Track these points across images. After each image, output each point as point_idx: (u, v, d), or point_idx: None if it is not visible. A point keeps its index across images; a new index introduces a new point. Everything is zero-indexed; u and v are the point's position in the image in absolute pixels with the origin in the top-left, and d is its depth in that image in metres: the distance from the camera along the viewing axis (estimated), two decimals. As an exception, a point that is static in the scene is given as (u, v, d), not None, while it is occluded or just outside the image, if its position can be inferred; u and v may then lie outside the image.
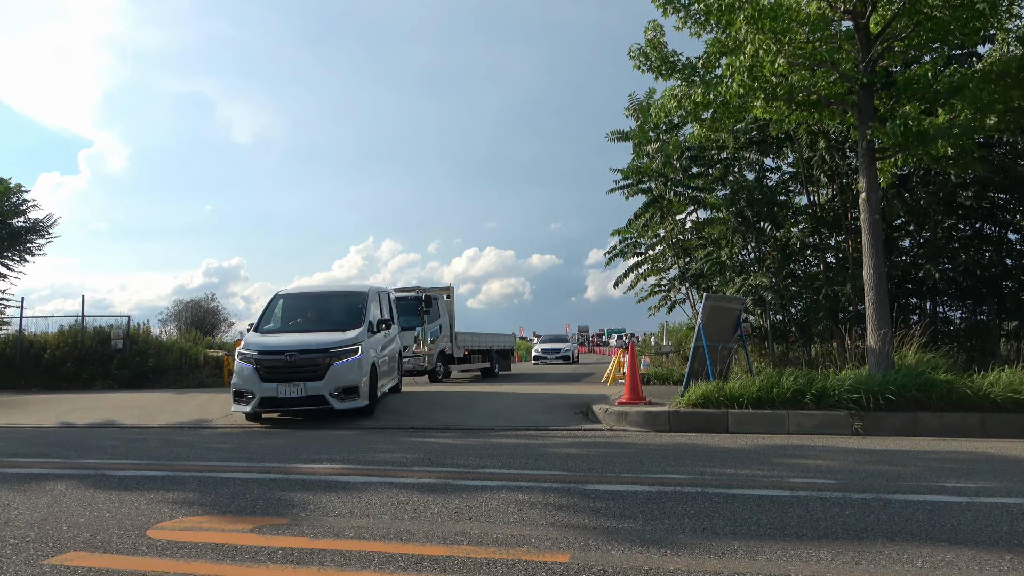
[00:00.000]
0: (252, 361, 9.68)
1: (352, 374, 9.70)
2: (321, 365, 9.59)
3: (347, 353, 9.83)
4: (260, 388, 9.49)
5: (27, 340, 18.39)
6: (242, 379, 9.68)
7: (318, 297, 12.18)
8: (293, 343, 9.97)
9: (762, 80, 8.87)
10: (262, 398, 9.47)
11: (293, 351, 9.69)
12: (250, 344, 10.09)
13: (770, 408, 8.28)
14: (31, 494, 4.87)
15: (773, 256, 15.27)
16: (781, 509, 4.17)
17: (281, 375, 9.54)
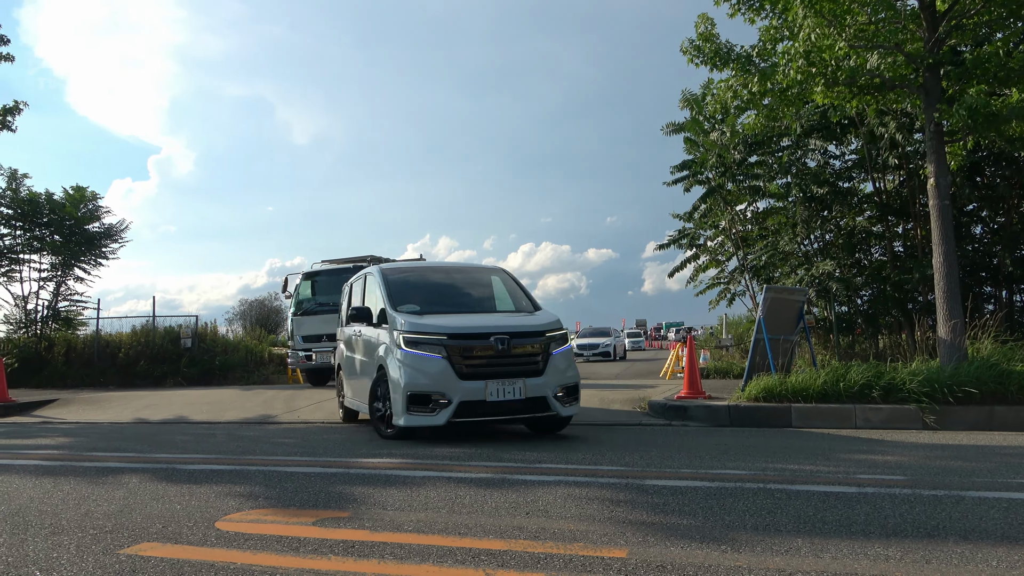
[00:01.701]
0: (439, 348, 6.89)
1: (571, 368, 7.50)
2: (538, 354, 7.20)
3: (561, 339, 7.54)
4: (459, 389, 6.79)
5: (103, 340, 19.23)
6: (425, 375, 6.83)
7: (444, 272, 9.15)
8: (484, 324, 7.35)
9: (821, 65, 8.60)
10: (462, 403, 6.79)
11: (500, 333, 7.08)
12: (421, 325, 7.15)
13: (836, 402, 8.05)
14: (108, 487, 5.09)
15: (838, 245, 14.82)
16: (847, 506, 4.05)
17: (488, 369, 6.96)
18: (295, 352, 15.01)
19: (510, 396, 6.90)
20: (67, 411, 12.36)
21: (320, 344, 14.52)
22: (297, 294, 15.52)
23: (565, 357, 7.41)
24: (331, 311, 13.92)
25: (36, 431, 9.70)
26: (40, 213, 19.28)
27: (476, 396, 6.82)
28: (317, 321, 14.68)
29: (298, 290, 15.57)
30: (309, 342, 14.73)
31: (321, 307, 14.92)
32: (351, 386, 8.93)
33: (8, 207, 19.13)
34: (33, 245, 19.47)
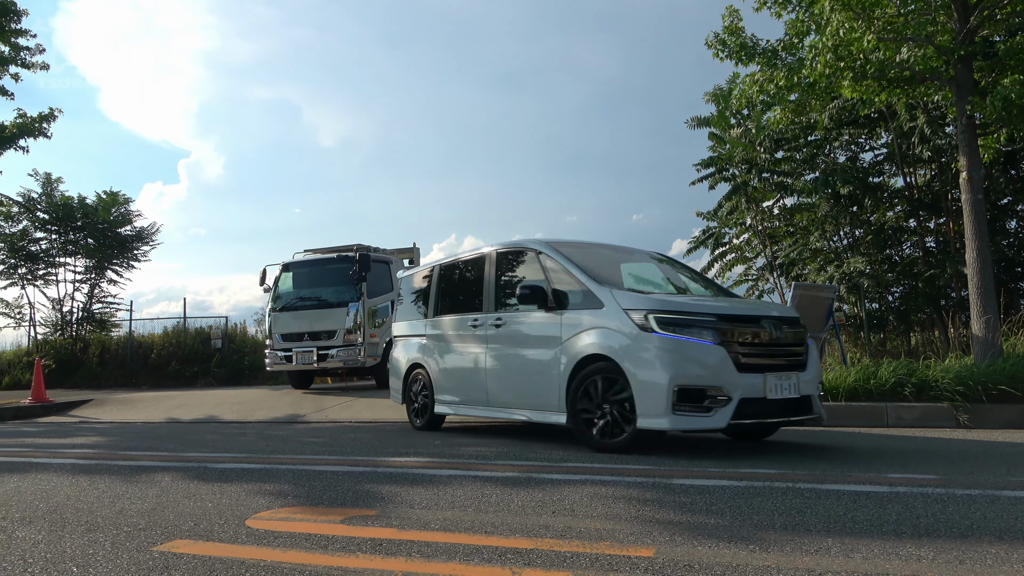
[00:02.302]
0: (710, 332, 5.61)
1: (817, 363, 6.44)
2: (801, 344, 6.17)
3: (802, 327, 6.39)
4: (739, 383, 5.54)
5: (136, 341, 19.60)
6: (697, 364, 5.55)
7: (613, 251, 7.70)
8: (743, 307, 6.36)
9: (849, 59, 8.48)
10: (742, 400, 5.53)
11: (768, 317, 6.07)
12: (677, 304, 5.96)
13: (866, 400, 7.93)
14: (142, 485, 5.19)
15: (868, 241, 14.61)
16: (878, 505, 3.99)
17: (764, 360, 5.81)
18: (273, 352, 13.53)
19: (786, 394, 5.76)
20: (101, 411, 12.62)
21: (301, 344, 13.15)
22: (276, 287, 14.10)
23: (812, 350, 6.36)
24: (315, 306, 13.30)
25: (72, 430, 9.92)
26: (74, 217, 19.71)
27: (756, 393, 5.58)
28: (298, 318, 13.44)
29: (277, 283, 14.12)
30: (289, 341, 13.32)
31: (304, 302, 13.67)
32: (479, 386, 7.28)
33: (44, 211, 19.58)
34: (68, 248, 19.93)
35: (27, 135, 15.97)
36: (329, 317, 12.99)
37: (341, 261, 13.42)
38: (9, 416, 12.49)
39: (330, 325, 12.91)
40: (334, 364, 12.91)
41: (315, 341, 12.98)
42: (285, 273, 14.20)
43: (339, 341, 12.80)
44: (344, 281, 13.12)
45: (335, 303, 13.08)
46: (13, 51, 15.75)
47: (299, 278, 14.05)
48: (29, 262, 19.57)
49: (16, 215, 19.39)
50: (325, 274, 13.68)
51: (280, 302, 13.87)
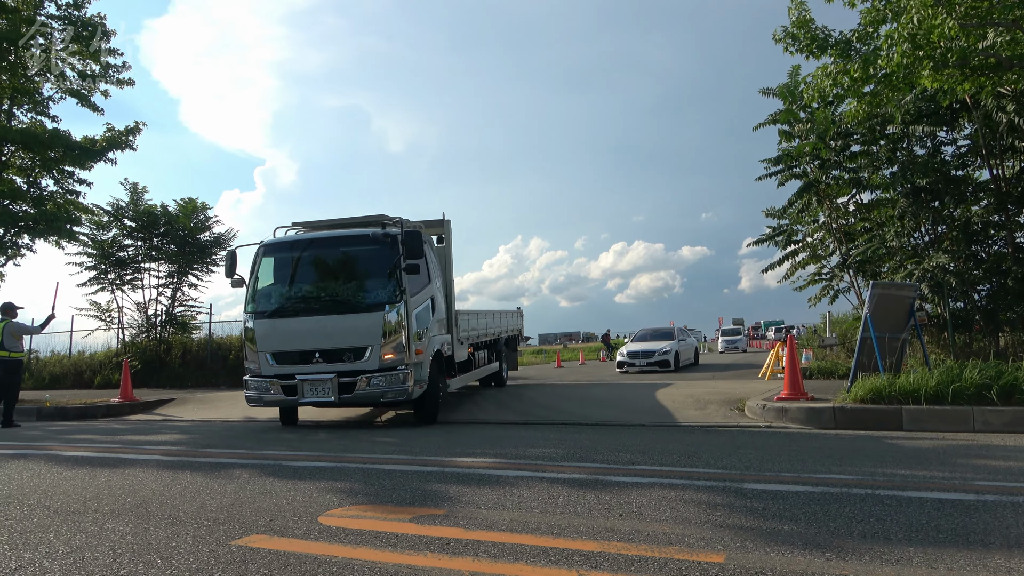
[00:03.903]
0: None
1: None
2: None
3: None
4: None
5: (215, 343, 20.35)
6: None
7: None
8: None
9: (928, 47, 8.12)
10: None
11: None
12: None
13: (951, 404, 7.56)
14: (221, 481, 5.39)
15: (951, 237, 13.94)
16: (964, 514, 3.80)
17: None
18: (259, 381, 9.15)
19: None
20: (183, 410, 13.17)
21: (310, 368, 8.90)
22: (255, 280, 9.58)
23: None
24: (330, 310, 9.11)
25: (157, 428, 10.38)
26: (157, 224, 20.63)
27: None
28: (300, 328, 9.07)
29: (257, 273, 9.61)
30: (287, 363, 9.01)
31: (309, 304, 9.27)
32: None
33: (131, 219, 20.57)
34: (151, 254, 20.86)
35: (115, 148, 16.83)
36: (355, 326, 8.90)
37: (369, 241, 9.33)
38: (101, 414, 13.19)
39: (357, 339, 8.88)
40: (367, 396, 8.77)
41: (333, 363, 8.87)
42: (268, 259, 9.73)
43: (373, 363, 8.79)
44: (375, 270, 9.20)
45: (365, 305, 9.01)
46: (103, 69, 16.63)
47: (296, 266, 9.67)
48: (118, 268, 20.60)
49: (106, 223, 20.44)
50: (342, 259, 9.65)
51: (265, 303, 9.45)
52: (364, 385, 8.79)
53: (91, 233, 20.23)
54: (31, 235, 16.56)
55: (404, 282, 9.07)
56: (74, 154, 16.28)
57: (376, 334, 8.88)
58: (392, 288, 9.05)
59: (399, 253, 9.06)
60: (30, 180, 16.77)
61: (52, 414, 13.04)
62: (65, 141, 16.10)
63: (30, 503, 4.74)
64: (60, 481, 5.60)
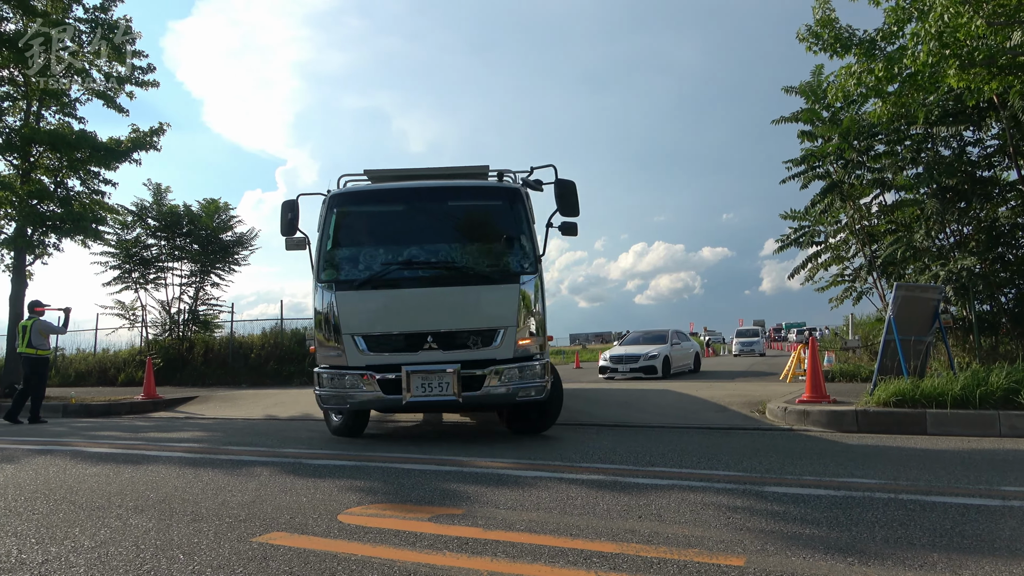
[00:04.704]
0: None
1: None
2: None
3: None
4: None
5: (237, 342, 20.56)
6: None
7: None
8: None
9: (955, 46, 8.00)
10: None
11: None
12: None
13: (976, 408, 7.45)
14: (242, 478, 5.44)
15: (977, 239, 13.73)
16: (990, 520, 3.74)
17: None
18: (343, 375, 7.09)
19: None
20: (205, 407, 13.32)
21: (419, 356, 6.94)
22: (328, 241, 7.44)
23: None
24: (444, 279, 7.19)
25: (179, 425, 10.50)
26: (180, 224, 20.89)
27: None
28: (404, 303, 7.07)
29: (331, 232, 7.46)
30: (383, 350, 7.03)
31: (414, 271, 7.24)
32: None
33: (154, 219, 20.85)
34: (175, 254, 21.13)
35: (140, 149, 17.08)
36: (483, 302, 7.11)
37: (491, 194, 7.73)
38: (124, 411, 13.38)
39: (486, 318, 7.05)
40: (498, 395, 6.91)
41: (452, 350, 6.96)
42: (350, 212, 7.66)
43: (506, 350, 6.97)
44: (501, 230, 7.51)
45: (495, 274, 7.23)
46: (128, 71, 16.87)
47: (391, 222, 7.78)
48: (142, 267, 20.90)
49: (131, 223, 20.74)
50: (456, 215, 7.67)
51: (351, 270, 7.42)
52: (495, 380, 6.88)
53: (115, 233, 20.53)
54: (58, 234, 16.83)
55: (538, 247, 7.35)
56: (100, 155, 16.54)
57: (510, 312, 7.00)
58: (526, 254, 7.31)
59: (527, 209, 7.44)
60: (57, 180, 17.05)
61: (77, 411, 13.25)
62: (91, 142, 16.37)
63: (56, 498, 4.82)
64: (85, 477, 5.68)
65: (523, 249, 7.30)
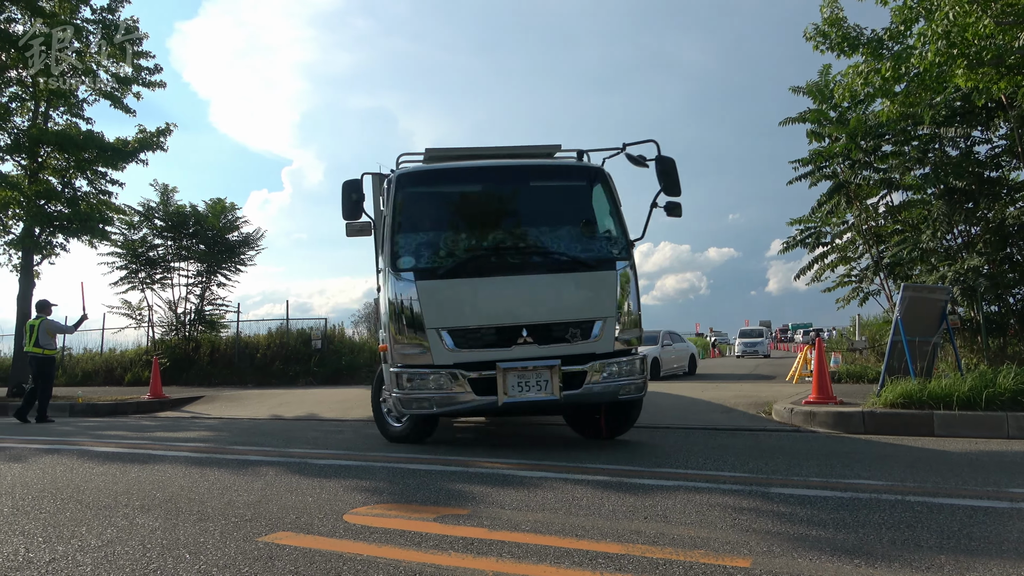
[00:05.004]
0: None
1: None
2: None
3: None
4: None
5: (243, 341, 20.62)
6: None
7: None
8: None
9: (963, 45, 7.96)
10: None
11: None
12: None
13: (984, 410, 7.41)
14: (248, 478, 5.45)
15: (985, 239, 13.66)
16: (998, 522, 3.72)
17: None
18: (428, 375, 6.24)
19: None
20: (211, 407, 13.36)
21: (517, 351, 6.24)
22: (399, 224, 6.60)
23: None
24: (536, 266, 6.55)
25: (186, 425, 10.54)
26: (186, 224, 20.96)
27: None
28: (492, 291, 6.41)
29: (400, 215, 6.63)
30: (472, 346, 6.28)
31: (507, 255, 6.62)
32: None
33: (161, 219, 20.93)
34: (181, 254, 21.20)
35: (147, 149, 17.14)
36: (579, 289, 6.54)
37: (574, 174, 7.25)
38: (131, 411, 13.43)
39: (585, 308, 6.47)
40: (599, 393, 6.34)
41: (549, 344, 6.30)
42: (422, 193, 6.99)
43: (606, 344, 6.41)
44: (588, 212, 6.98)
45: (588, 260, 6.61)
46: (136, 72, 16.94)
47: (468, 205, 7.20)
48: (148, 267, 20.98)
49: (137, 224, 20.82)
50: (538, 197, 7.13)
51: (430, 257, 6.60)
52: (597, 376, 6.31)
53: (122, 233, 20.60)
54: (65, 234, 16.91)
55: (627, 231, 6.79)
56: (107, 155, 16.61)
57: (609, 301, 6.44)
58: (617, 238, 6.75)
59: (614, 190, 6.90)
60: (65, 181, 17.13)
61: (84, 410, 13.31)
62: (98, 142, 16.43)
63: (63, 497, 4.84)
64: (92, 476, 5.71)
65: (615, 233, 6.76)
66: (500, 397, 6.15)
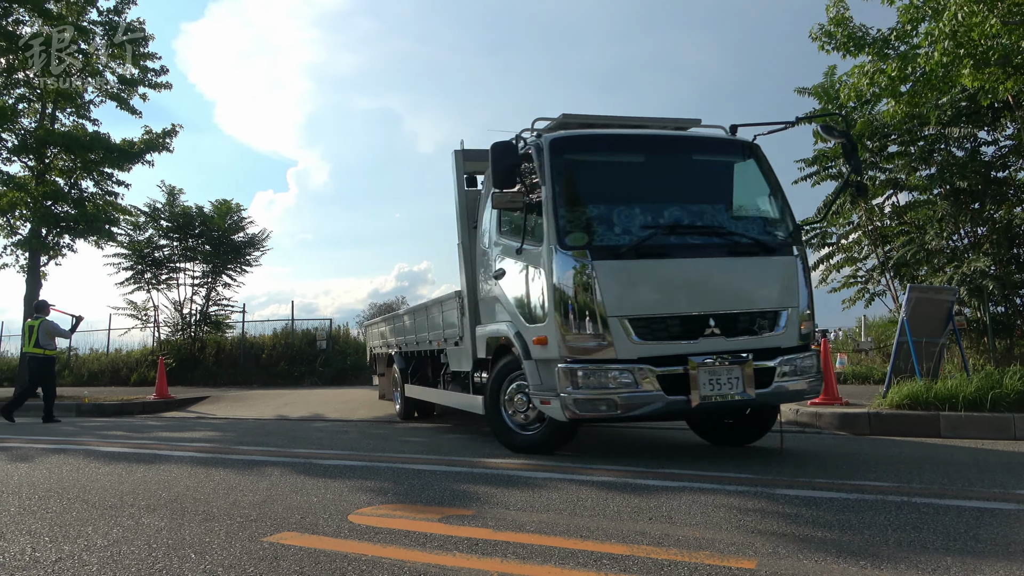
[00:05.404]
0: None
1: None
2: None
3: None
4: None
5: (248, 342, 20.68)
6: None
7: None
8: None
9: (969, 45, 7.94)
10: None
11: None
12: None
13: (991, 411, 7.38)
14: (253, 478, 5.46)
15: (992, 240, 13.61)
16: (1004, 524, 3.71)
17: None
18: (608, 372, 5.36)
19: None
20: (217, 407, 13.40)
21: (705, 343, 5.54)
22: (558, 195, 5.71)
23: None
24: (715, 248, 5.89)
25: (191, 425, 10.57)
26: (192, 225, 21.02)
27: None
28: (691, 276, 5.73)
29: (560, 184, 5.76)
30: (661, 337, 5.50)
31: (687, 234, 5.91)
32: None
33: (167, 220, 20.99)
34: (187, 255, 21.26)
35: (153, 150, 17.19)
36: (765, 276, 5.93)
37: (739, 149, 6.47)
38: (137, 411, 13.49)
39: (771, 297, 5.88)
40: (787, 391, 5.79)
41: (734, 337, 5.64)
42: (585, 161, 6.15)
43: (791, 337, 5.82)
44: (763, 192, 6.35)
45: (770, 243, 6.03)
46: (142, 73, 16.99)
47: (632, 175, 6.37)
48: (154, 268, 21.04)
49: (143, 224, 20.89)
50: (705, 172, 6.49)
51: (606, 233, 5.80)
52: (787, 373, 5.71)
53: (127, 234, 20.67)
54: (72, 235, 16.97)
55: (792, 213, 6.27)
56: (113, 156, 16.66)
57: (792, 289, 5.87)
58: (787, 220, 6.19)
59: (771, 168, 6.34)
60: (71, 182, 17.19)
61: (90, 410, 13.36)
62: (105, 143, 16.49)
63: (69, 497, 4.86)
64: (98, 476, 5.73)
65: (785, 215, 6.21)
66: (694, 397, 5.37)
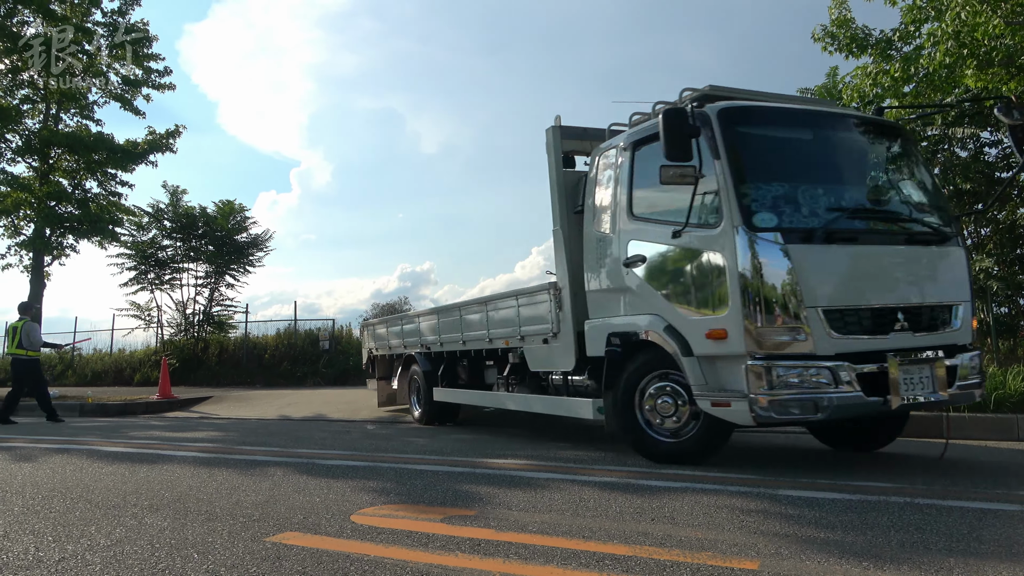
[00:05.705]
0: None
1: None
2: None
3: None
4: None
5: (251, 342, 20.69)
6: None
7: None
8: None
9: (973, 46, 7.92)
10: None
11: None
12: None
13: (994, 412, 7.37)
14: (256, 478, 5.47)
15: (995, 240, 13.59)
16: (1007, 525, 3.70)
17: None
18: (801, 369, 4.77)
19: None
20: (220, 407, 13.42)
21: (896, 339, 5.02)
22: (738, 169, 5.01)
23: None
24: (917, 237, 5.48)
25: (194, 425, 10.58)
26: (195, 225, 21.04)
27: None
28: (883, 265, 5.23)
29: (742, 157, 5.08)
30: (855, 332, 4.94)
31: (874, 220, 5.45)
32: None
33: (170, 220, 21.02)
34: (190, 255, 21.28)
35: (156, 151, 17.25)
36: (941, 268, 5.53)
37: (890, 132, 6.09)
38: (140, 411, 13.52)
39: (946, 291, 5.48)
40: (968, 393, 5.39)
41: (920, 333, 5.20)
42: (755, 134, 5.50)
43: (965, 334, 5.48)
44: (925, 178, 6.00)
45: (943, 232, 5.58)
46: (145, 74, 17.04)
47: (809, 153, 5.78)
48: (157, 268, 21.08)
49: (147, 225, 20.93)
50: (873, 153, 6.01)
51: (793, 215, 5.16)
52: (968, 372, 5.35)
53: (131, 234, 20.70)
54: (75, 236, 17.02)
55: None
56: (117, 157, 16.71)
57: (963, 282, 5.54)
58: (948, 209, 5.89)
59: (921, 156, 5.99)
60: (75, 182, 17.23)
61: (94, 410, 13.40)
62: (108, 144, 16.54)
63: (72, 496, 4.87)
64: (101, 475, 5.74)
65: (946, 203, 5.88)
66: (893, 399, 4.86)
